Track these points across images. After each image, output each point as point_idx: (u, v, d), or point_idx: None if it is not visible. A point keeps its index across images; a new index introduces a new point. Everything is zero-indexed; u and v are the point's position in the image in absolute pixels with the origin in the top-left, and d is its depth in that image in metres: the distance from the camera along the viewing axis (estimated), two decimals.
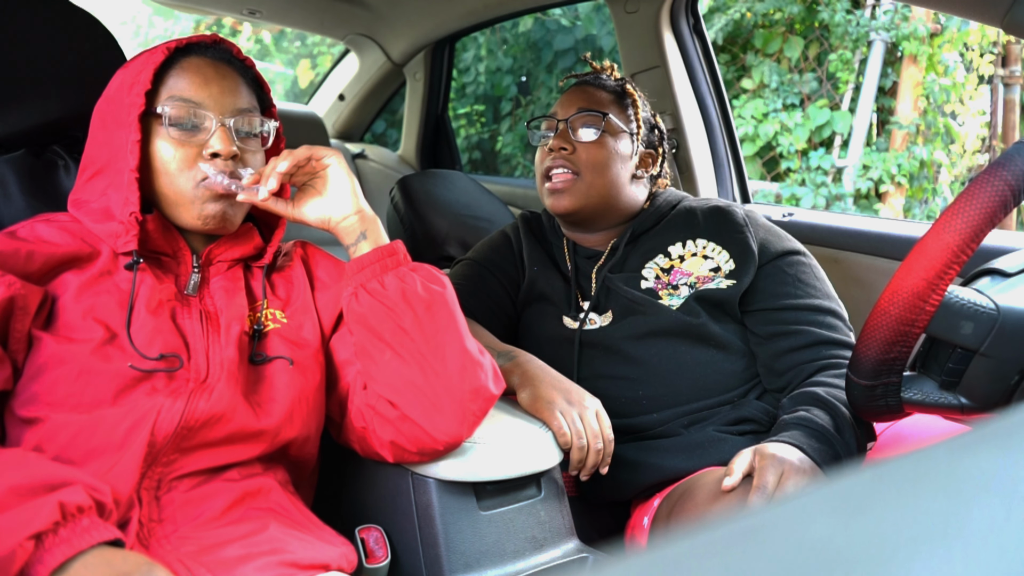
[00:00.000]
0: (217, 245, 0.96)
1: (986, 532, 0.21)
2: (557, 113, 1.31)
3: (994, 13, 1.07)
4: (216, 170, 0.90)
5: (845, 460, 1.02)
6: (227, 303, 0.94)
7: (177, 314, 0.92)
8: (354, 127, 3.04)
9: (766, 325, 1.21)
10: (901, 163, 4.32)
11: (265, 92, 1.01)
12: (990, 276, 0.83)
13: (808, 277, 1.23)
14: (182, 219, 0.93)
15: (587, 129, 1.28)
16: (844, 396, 1.05)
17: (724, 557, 0.22)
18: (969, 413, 0.79)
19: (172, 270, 0.95)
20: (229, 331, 0.92)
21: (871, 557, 0.21)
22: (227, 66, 0.96)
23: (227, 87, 0.94)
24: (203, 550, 0.82)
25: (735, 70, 4.74)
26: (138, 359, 0.85)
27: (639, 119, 1.32)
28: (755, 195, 3.29)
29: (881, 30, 4.34)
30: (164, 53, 0.93)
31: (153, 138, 0.92)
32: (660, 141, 1.38)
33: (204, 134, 0.92)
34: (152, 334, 0.88)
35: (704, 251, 1.26)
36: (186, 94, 0.92)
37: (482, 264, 1.36)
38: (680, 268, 1.26)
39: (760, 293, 1.22)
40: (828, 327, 1.19)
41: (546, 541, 1.05)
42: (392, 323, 0.90)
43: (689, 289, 1.23)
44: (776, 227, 1.30)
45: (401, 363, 0.91)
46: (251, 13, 2.55)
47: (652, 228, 1.32)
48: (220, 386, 0.87)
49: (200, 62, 0.94)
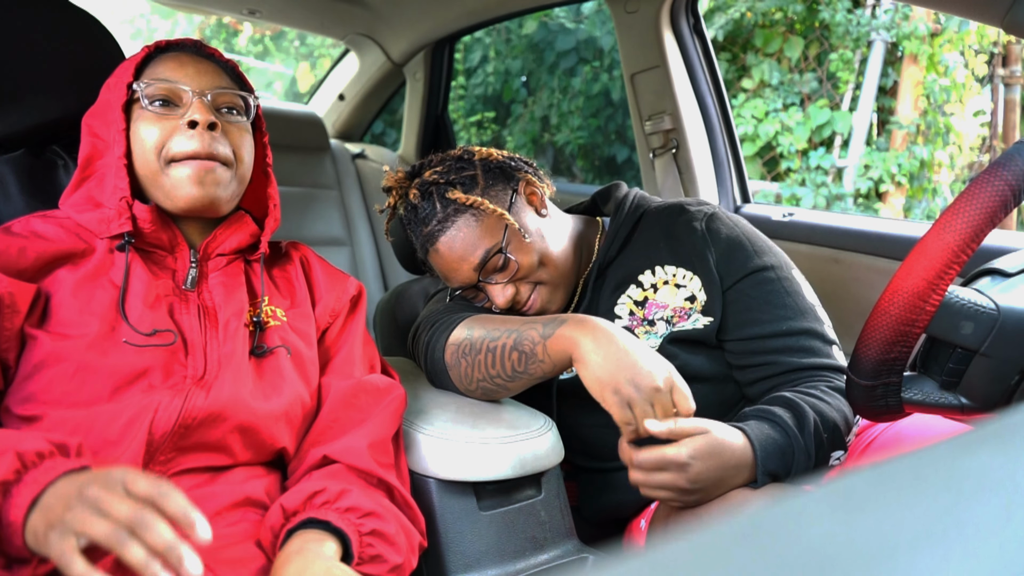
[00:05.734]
0: (213, 238, 0.96)
1: (986, 532, 0.21)
2: (463, 282, 1.17)
3: (994, 13, 1.07)
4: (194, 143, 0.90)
5: (800, 459, 0.97)
6: (226, 299, 0.94)
7: (175, 310, 0.92)
8: (354, 127, 3.04)
9: (740, 357, 1.13)
10: (901, 163, 4.33)
11: (244, 81, 1.01)
12: (990, 276, 0.83)
13: (777, 296, 1.12)
14: (167, 201, 0.92)
15: (502, 271, 1.15)
16: (816, 402, 1.03)
17: (724, 557, 0.22)
18: (969, 413, 0.79)
19: (169, 266, 0.94)
20: (228, 327, 0.92)
21: (871, 557, 0.21)
22: (206, 59, 0.98)
23: (204, 69, 0.95)
24: (202, 551, 0.82)
25: (735, 70, 4.74)
26: (133, 335, 0.86)
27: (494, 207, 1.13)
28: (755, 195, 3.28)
29: (881, 29, 4.34)
30: (144, 51, 0.97)
31: (135, 123, 0.93)
32: (512, 164, 1.20)
33: (183, 108, 0.92)
34: (152, 324, 0.88)
35: (675, 279, 1.16)
36: (163, 75, 0.94)
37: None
38: (654, 300, 1.17)
39: (729, 322, 1.13)
40: (800, 351, 1.10)
41: (546, 541, 1.04)
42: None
43: (666, 325, 1.15)
44: (743, 235, 1.17)
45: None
46: (251, 13, 2.55)
47: (617, 256, 1.21)
48: (218, 383, 0.87)
49: (177, 53, 0.97)
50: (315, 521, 0.83)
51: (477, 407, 1.08)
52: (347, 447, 0.92)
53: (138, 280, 0.89)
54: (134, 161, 0.93)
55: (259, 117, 1.03)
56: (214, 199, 0.92)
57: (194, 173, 0.90)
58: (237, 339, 0.92)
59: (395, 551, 0.86)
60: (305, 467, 0.93)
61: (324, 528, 0.83)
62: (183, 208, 0.92)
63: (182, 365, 0.88)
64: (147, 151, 0.91)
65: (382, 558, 0.85)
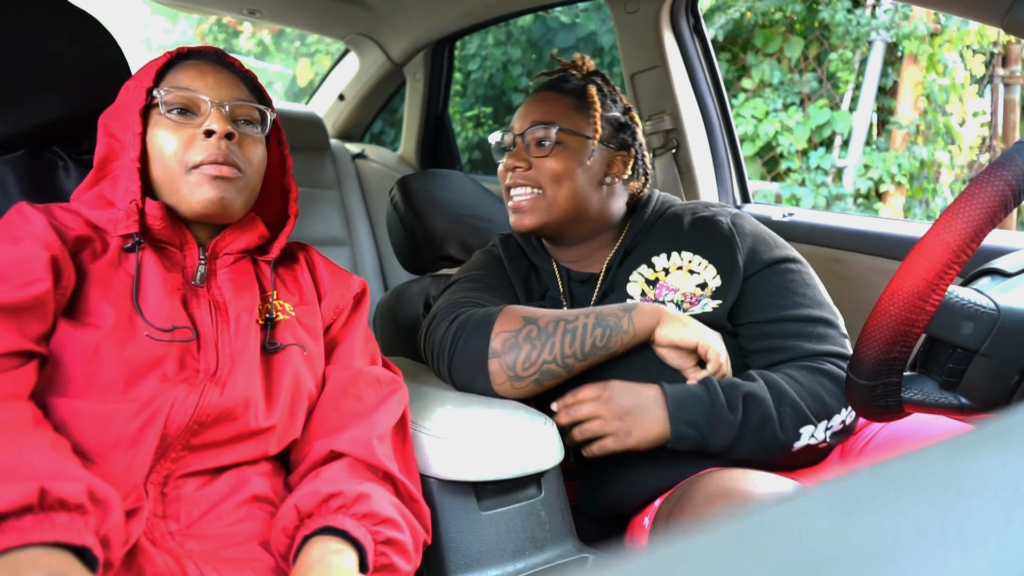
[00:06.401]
0: (222, 237, 0.97)
1: (986, 532, 0.21)
2: (514, 127, 1.27)
3: (994, 13, 1.07)
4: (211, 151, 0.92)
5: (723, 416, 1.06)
6: (236, 294, 0.95)
7: (189, 303, 0.93)
8: (354, 127, 3.04)
9: (754, 340, 1.17)
10: (901, 163, 4.33)
11: (263, 94, 1.03)
12: (990, 276, 0.83)
13: (797, 285, 1.18)
14: (182, 206, 0.94)
15: (541, 143, 1.23)
16: (779, 377, 1.10)
17: (724, 557, 0.22)
18: (969, 413, 0.79)
19: (179, 262, 0.95)
20: (239, 322, 0.93)
21: (871, 557, 0.21)
22: (227, 69, 0.99)
23: (224, 80, 0.97)
24: (209, 550, 0.82)
25: (735, 70, 4.74)
26: (152, 330, 0.86)
27: (597, 123, 1.23)
28: (755, 195, 3.29)
29: (881, 29, 4.34)
30: (166, 57, 0.98)
31: (152, 128, 0.94)
32: (632, 140, 1.30)
33: (201, 118, 0.94)
34: (168, 314, 0.89)
35: (690, 265, 1.21)
36: (182, 83, 0.95)
37: (483, 278, 1.30)
38: (665, 283, 1.21)
39: (747, 306, 1.18)
40: (817, 338, 1.14)
41: (546, 541, 1.05)
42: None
43: (676, 308, 1.18)
44: (765, 232, 1.24)
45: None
46: (251, 13, 2.55)
47: (639, 244, 1.27)
48: (232, 379, 0.88)
49: (198, 62, 0.98)
50: (332, 529, 0.83)
51: (477, 407, 1.08)
52: (354, 439, 0.92)
53: (152, 273, 0.91)
54: (151, 165, 0.94)
55: (278, 127, 1.05)
56: (228, 206, 0.94)
57: (210, 180, 0.92)
58: (249, 334, 0.93)
59: (406, 560, 0.86)
60: (311, 462, 0.93)
61: (342, 537, 0.82)
62: (198, 213, 0.93)
63: (195, 359, 0.89)
64: (167, 157, 0.93)
65: (393, 567, 0.85)
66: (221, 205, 0.93)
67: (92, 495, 0.69)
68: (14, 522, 0.63)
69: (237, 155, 0.94)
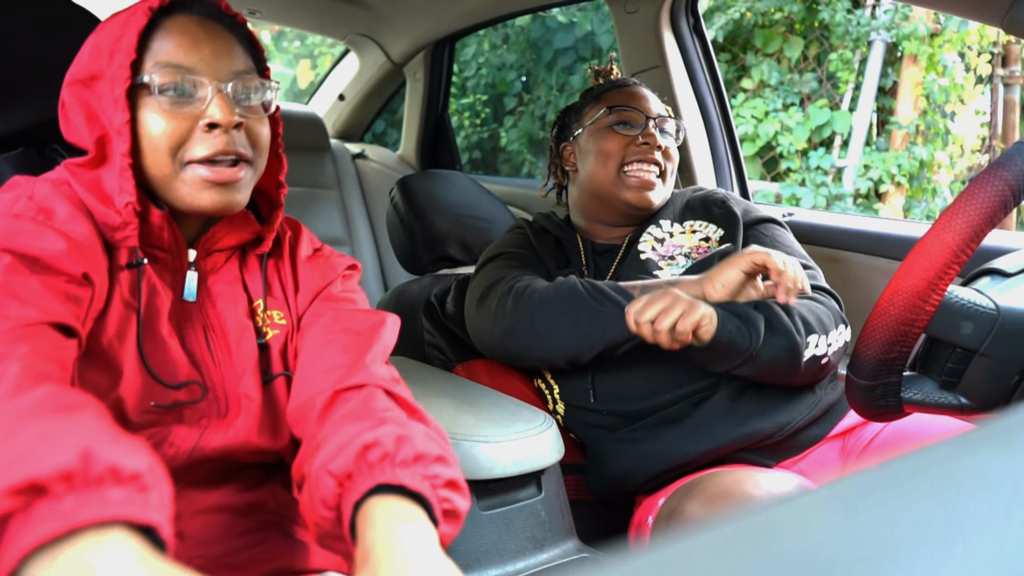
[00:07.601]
0: (212, 233, 0.85)
1: (986, 532, 0.21)
2: (648, 109, 1.34)
3: (994, 13, 1.07)
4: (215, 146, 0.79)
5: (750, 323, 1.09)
6: (229, 309, 0.86)
7: (185, 334, 0.84)
8: (354, 127, 3.04)
9: None
10: (901, 163, 4.33)
11: (259, 52, 0.88)
12: (990, 276, 0.83)
13: (785, 240, 1.30)
14: (180, 203, 0.81)
15: (668, 133, 1.34)
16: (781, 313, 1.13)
17: (724, 557, 0.22)
18: (969, 413, 0.79)
19: (169, 266, 0.85)
20: (240, 347, 0.85)
21: (871, 557, 0.21)
22: (216, 23, 0.83)
23: (220, 48, 0.81)
24: (210, 562, 0.80)
25: (735, 70, 4.74)
26: (160, 390, 0.78)
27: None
28: (755, 195, 3.28)
29: (881, 29, 4.34)
30: (146, 15, 0.79)
31: (140, 112, 0.79)
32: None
33: (199, 103, 0.79)
34: (173, 363, 0.81)
35: (692, 228, 1.33)
36: (175, 59, 0.79)
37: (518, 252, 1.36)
38: (671, 241, 1.32)
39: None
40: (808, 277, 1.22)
41: (546, 541, 1.05)
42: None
43: (685, 259, 1.28)
44: (753, 203, 1.38)
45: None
46: (251, 13, 2.55)
47: (650, 220, 1.38)
48: (239, 421, 0.82)
49: (186, 21, 0.81)
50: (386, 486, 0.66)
51: (477, 405, 1.08)
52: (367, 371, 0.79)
53: (150, 296, 0.82)
54: (141, 154, 0.79)
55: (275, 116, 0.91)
56: (234, 203, 0.82)
57: (216, 178, 0.79)
58: (249, 363, 0.84)
59: (463, 497, 0.71)
60: (319, 411, 0.78)
61: (400, 493, 0.66)
62: (199, 212, 0.82)
63: (197, 408, 0.82)
64: (159, 150, 0.78)
65: (455, 512, 0.70)
66: (227, 207, 0.82)
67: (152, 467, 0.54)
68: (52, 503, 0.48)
69: (243, 144, 0.81)
